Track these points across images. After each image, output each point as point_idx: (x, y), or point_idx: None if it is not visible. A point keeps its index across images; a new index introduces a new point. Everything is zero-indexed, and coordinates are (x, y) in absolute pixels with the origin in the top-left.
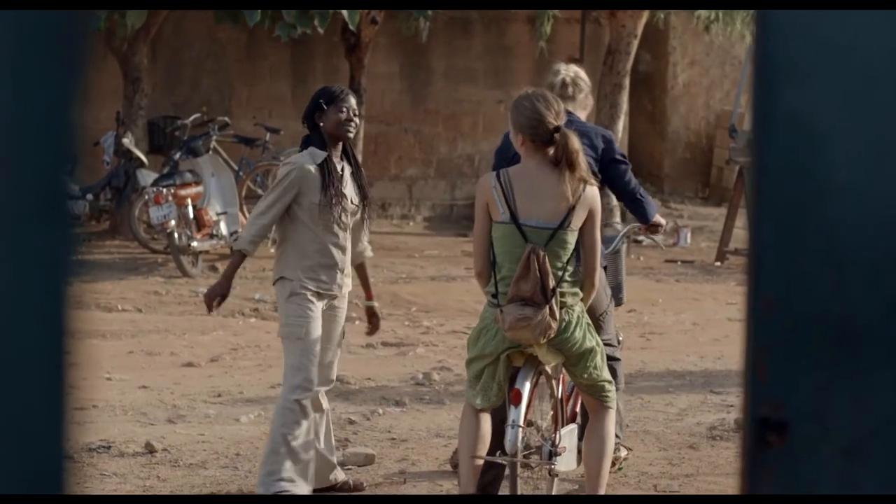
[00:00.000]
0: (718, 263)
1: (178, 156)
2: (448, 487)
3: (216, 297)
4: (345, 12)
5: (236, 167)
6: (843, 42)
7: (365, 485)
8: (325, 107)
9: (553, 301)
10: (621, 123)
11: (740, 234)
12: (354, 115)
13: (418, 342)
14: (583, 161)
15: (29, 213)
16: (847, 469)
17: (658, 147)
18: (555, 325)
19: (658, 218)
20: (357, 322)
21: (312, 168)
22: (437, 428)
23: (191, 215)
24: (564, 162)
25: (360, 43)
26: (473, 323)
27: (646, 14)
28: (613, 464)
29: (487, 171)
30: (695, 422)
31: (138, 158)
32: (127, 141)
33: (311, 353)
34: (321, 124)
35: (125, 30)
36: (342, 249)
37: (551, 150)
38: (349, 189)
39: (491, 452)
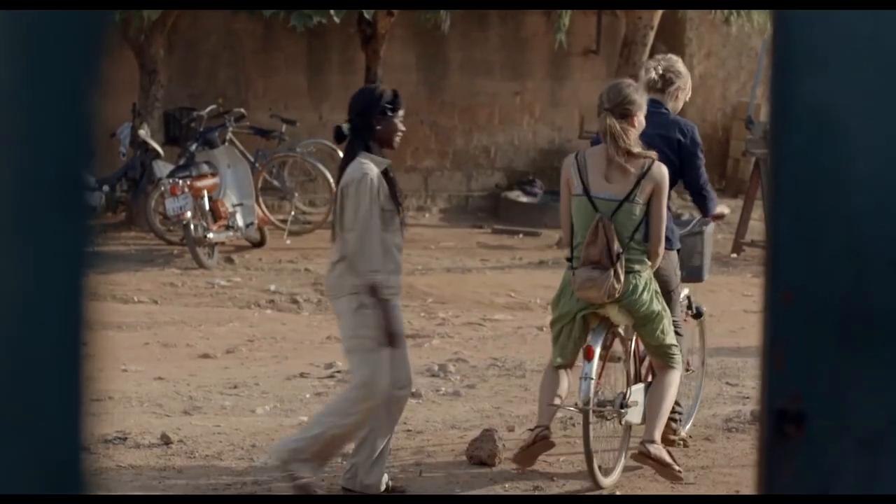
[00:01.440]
0: (735, 255)
1: (194, 147)
2: (465, 479)
3: (396, 335)
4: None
5: (252, 158)
6: (863, 31)
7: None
8: (389, 112)
9: (618, 265)
10: None
11: (756, 226)
12: None
13: (434, 334)
14: (621, 134)
15: (47, 203)
16: (866, 461)
17: None
18: (618, 286)
19: (721, 209)
20: None
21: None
22: (452, 420)
23: (207, 207)
24: (610, 138)
25: (376, 34)
26: (489, 314)
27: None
28: (672, 443)
29: (503, 162)
30: (710, 413)
31: (154, 150)
32: (143, 132)
33: (382, 366)
34: (378, 128)
35: (141, 21)
36: (401, 251)
37: None
38: None
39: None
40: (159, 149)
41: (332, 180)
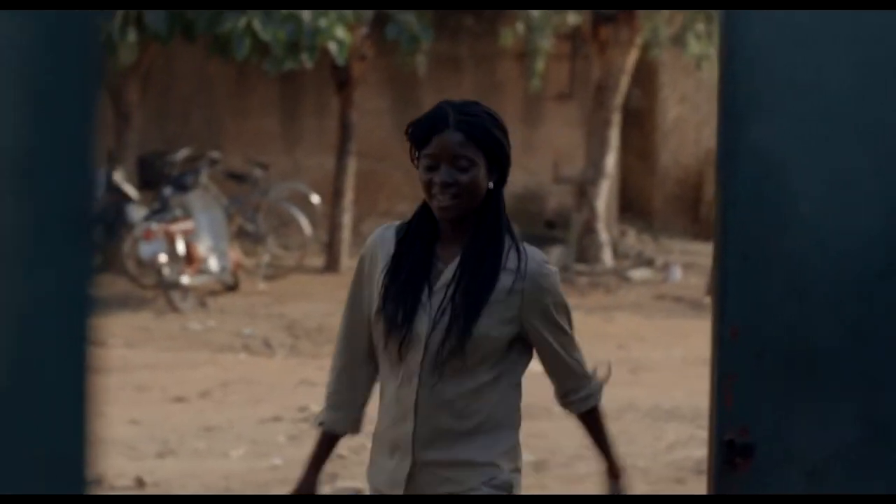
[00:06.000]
0: (709, 299)
1: (168, 191)
2: None
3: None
4: (333, 48)
5: (226, 203)
6: (805, 79)
7: None
8: (415, 150)
9: None
10: (611, 159)
11: None
12: (452, 172)
13: None
14: None
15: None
16: (811, 490)
17: (648, 183)
18: None
19: None
20: None
21: (384, 251)
22: None
23: (181, 251)
24: None
25: (349, 79)
26: None
27: (635, 50)
28: None
29: None
30: (682, 456)
31: (128, 194)
32: (118, 177)
33: None
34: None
35: (116, 65)
36: (408, 414)
37: None
38: (439, 300)
39: None
40: (134, 193)
41: (306, 224)
